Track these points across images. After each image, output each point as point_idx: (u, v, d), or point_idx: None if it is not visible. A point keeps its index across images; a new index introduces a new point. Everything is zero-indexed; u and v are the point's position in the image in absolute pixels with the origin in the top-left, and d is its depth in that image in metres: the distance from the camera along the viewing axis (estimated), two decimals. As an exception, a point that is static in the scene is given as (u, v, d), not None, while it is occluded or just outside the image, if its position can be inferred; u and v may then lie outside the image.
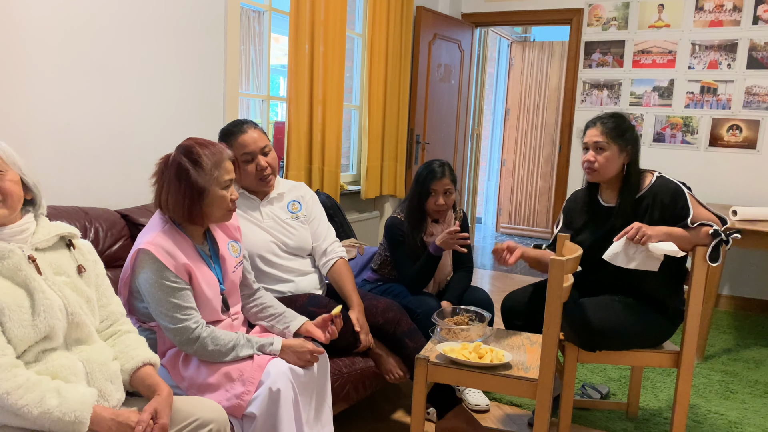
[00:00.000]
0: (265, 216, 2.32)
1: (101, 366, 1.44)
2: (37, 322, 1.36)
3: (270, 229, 2.31)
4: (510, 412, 2.68)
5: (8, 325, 1.32)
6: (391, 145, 4.36)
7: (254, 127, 2.25)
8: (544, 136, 6.86)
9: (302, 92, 3.40)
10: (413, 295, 2.58)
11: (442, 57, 4.89)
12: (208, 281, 1.79)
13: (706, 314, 3.24)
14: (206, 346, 1.73)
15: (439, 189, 2.60)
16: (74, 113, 2.32)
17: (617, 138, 2.25)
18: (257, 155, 2.23)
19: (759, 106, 4.26)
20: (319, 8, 3.47)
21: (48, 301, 1.39)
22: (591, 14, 4.73)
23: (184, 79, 2.74)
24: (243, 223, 2.28)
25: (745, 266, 4.38)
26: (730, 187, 4.38)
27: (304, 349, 1.83)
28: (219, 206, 1.77)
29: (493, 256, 2.31)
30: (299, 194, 2.43)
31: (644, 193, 2.26)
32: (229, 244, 1.93)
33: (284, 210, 2.37)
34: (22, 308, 1.34)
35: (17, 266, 1.38)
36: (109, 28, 2.40)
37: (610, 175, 2.28)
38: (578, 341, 2.20)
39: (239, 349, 1.77)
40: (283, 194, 2.39)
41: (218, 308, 1.83)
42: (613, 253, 2.16)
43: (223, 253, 1.87)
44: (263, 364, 1.75)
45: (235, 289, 1.93)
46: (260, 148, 2.23)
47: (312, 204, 2.45)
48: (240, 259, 1.95)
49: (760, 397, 2.88)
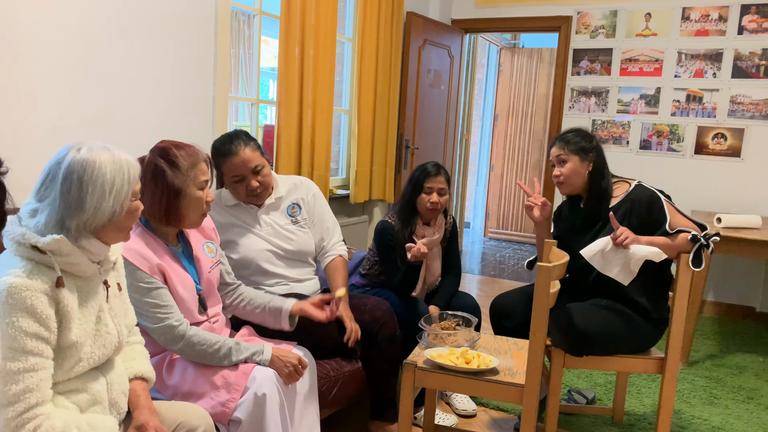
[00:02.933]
0: (263, 224, 2.30)
1: (119, 378, 1.43)
2: (95, 354, 1.34)
3: (268, 236, 2.29)
4: (497, 416, 2.69)
5: (74, 359, 1.28)
6: (381, 149, 4.37)
7: (245, 146, 2.17)
8: (532, 142, 6.90)
9: (292, 96, 3.40)
10: (401, 299, 2.59)
11: (431, 62, 4.92)
12: (183, 282, 1.78)
13: (691, 320, 3.28)
14: (192, 344, 1.71)
15: (433, 186, 2.61)
16: (64, 116, 2.31)
17: (577, 149, 2.34)
18: (248, 176, 2.19)
19: (743, 115, 4.32)
20: (310, 12, 3.47)
21: (109, 336, 1.37)
22: (579, 22, 4.78)
23: (173, 81, 2.74)
24: (240, 232, 2.27)
25: (728, 273, 4.43)
26: (715, 194, 4.44)
27: (287, 359, 1.80)
28: (195, 207, 1.76)
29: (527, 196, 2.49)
30: (299, 196, 2.40)
31: (621, 200, 2.31)
32: (205, 244, 1.91)
33: (284, 215, 2.35)
34: (87, 342, 1.31)
35: (95, 291, 1.34)
36: (99, 30, 2.39)
37: (577, 185, 2.36)
38: (565, 346, 2.22)
39: (234, 354, 1.75)
40: (281, 198, 2.36)
41: (195, 309, 1.82)
42: (591, 251, 2.21)
43: (197, 253, 1.86)
44: (248, 371, 1.74)
45: (212, 289, 1.91)
46: (251, 170, 2.18)
47: (313, 204, 2.42)
48: (217, 259, 1.94)
49: (743, 402, 2.91)
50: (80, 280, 1.31)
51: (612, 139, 4.75)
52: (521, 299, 2.45)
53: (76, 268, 1.29)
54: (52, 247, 1.23)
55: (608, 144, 4.76)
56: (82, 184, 1.26)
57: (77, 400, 1.31)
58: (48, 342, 1.22)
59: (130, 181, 1.32)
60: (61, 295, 1.24)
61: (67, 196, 1.25)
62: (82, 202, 1.26)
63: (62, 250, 1.24)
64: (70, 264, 1.27)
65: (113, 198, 1.29)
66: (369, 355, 2.28)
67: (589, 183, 2.35)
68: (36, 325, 1.20)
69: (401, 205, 2.67)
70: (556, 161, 2.39)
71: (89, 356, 1.32)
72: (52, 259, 1.23)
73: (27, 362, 1.19)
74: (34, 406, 1.19)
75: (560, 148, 2.37)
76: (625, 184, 2.37)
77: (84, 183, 1.26)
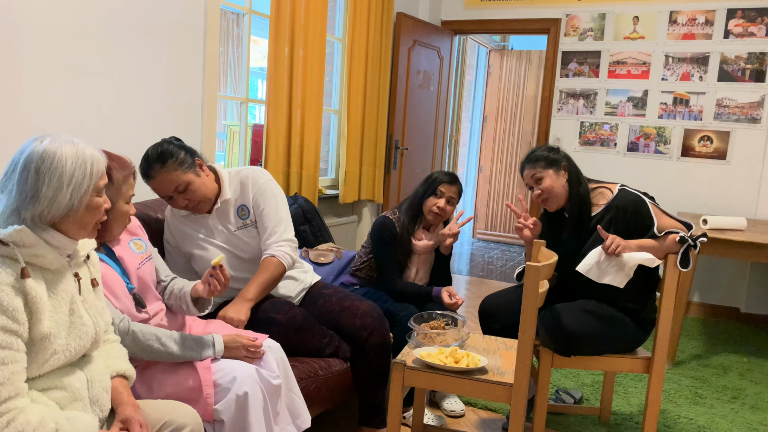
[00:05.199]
0: (216, 231, 2.25)
1: (99, 375, 1.41)
2: (71, 347, 1.31)
3: (222, 243, 2.25)
4: (485, 416, 2.69)
5: (48, 351, 1.26)
6: (370, 150, 4.37)
7: (161, 168, 2.06)
8: (521, 143, 6.93)
9: (281, 95, 3.39)
10: (397, 302, 2.59)
11: (421, 63, 4.92)
12: (110, 282, 1.71)
13: (677, 321, 3.31)
14: (137, 340, 1.67)
15: (445, 192, 2.64)
16: (52, 116, 2.29)
17: (548, 163, 2.36)
18: (174, 196, 2.11)
19: (729, 118, 4.37)
20: (300, 12, 3.47)
21: (84, 327, 1.34)
22: (568, 24, 4.81)
23: (162, 80, 2.72)
24: (196, 243, 2.22)
25: (714, 274, 4.48)
26: (701, 196, 4.48)
27: (237, 344, 1.79)
28: (121, 222, 1.73)
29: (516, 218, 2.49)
30: (245, 199, 2.27)
31: (605, 208, 2.32)
32: (131, 241, 1.86)
33: (234, 219, 2.27)
34: (61, 334, 1.29)
35: (67, 284, 1.32)
36: (87, 30, 2.37)
37: (562, 196, 2.37)
38: (553, 346, 2.23)
39: (182, 346, 1.71)
40: (228, 202, 2.26)
41: (131, 307, 1.77)
42: (586, 265, 2.23)
43: (120, 253, 1.80)
44: (207, 364, 1.72)
45: (147, 286, 1.85)
46: (173, 190, 2.09)
47: (260, 202, 2.25)
48: (147, 254, 1.89)
49: (728, 402, 2.94)
50: (47, 272, 1.29)
51: (600, 141, 4.78)
52: (509, 300, 2.46)
53: (41, 260, 1.26)
54: (14, 238, 1.21)
55: (596, 146, 4.79)
56: (39, 174, 1.24)
57: (56, 397, 1.29)
58: (17, 334, 1.20)
59: (92, 175, 1.29)
60: (28, 286, 1.22)
61: (24, 187, 1.24)
62: (37, 193, 1.24)
63: (24, 241, 1.22)
64: (35, 256, 1.25)
65: (71, 191, 1.26)
66: (356, 362, 2.26)
67: (569, 191, 2.36)
68: (2, 317, 1.17)
69: (410, 203, 2.70)
70: (532, 182, 2.39)
71: (64, 348, 1.29)
72: (15, 250, 1.21)
73: None
74: (5, 400, 1.17)
75: (531, 168, 2.38)
76: (607, 190, 2.37)
77: (41, 173, 1.24)
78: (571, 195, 2.36)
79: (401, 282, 2.65)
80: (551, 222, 2.46)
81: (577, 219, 2.35)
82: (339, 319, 2.26)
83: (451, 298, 2.55)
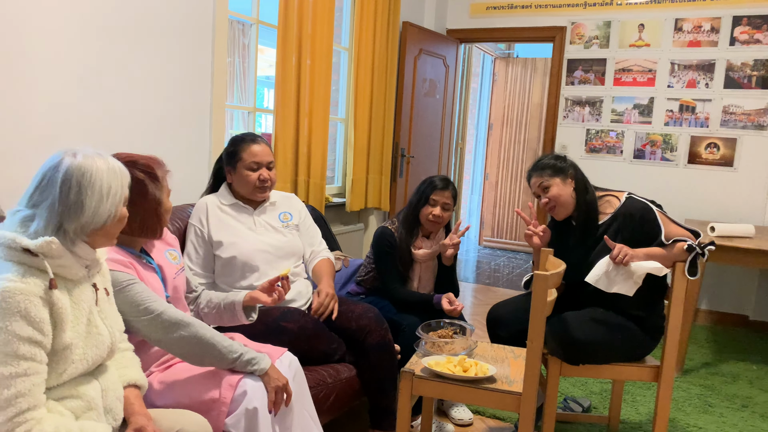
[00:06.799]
0: (257, 224, 2.38)
1: (113, 384, 1.42)
2: (88, 356, 1.33)
3: (261, 236, 2.35)
4: (493, 425, 2.69)
5: (68, 362, 1.28)
6: (377, 158, 4.38)
7: (266, 143, 2.39)
8: (526, 151, 6.94)
9: (289, 105, 3.41)
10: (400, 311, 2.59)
11: (427, 72, 4.94)
12: (154, 287, 1.74)
13: (685, 329, 3.29)
14: (192, 324, 1.65)
15: (438, 200, 2.62)
16: (59, 124, 2.31)
17: (555, 171, 2.36)
18: (263, 167, 2.34)
19: (735, 125, 4.36)
20: (307, 22, 3.49)
21: (101, 336, 1.36)
22: (573, 32, 4.82)
23: (171, 89, 2.74)
24: (236, 229, 2.32)
25: (722, 282, 4.46)
26: (708, 203, 4.47)
27: (279, 376, 1.74)
28: (168, 216, 1.78)
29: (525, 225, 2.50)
30: (290, 207, 2.51)
31: (613, 216, 2.32)
32: (167, 251, 1.90)
33: (276, 219, 2.44)
34: (79, 344, 1.31)
35: (86, 294, 1.34)
36: (96, 39, 2.39)
37: (570, 204, 2.37)
38: (562, 354, 2.23)
39: (234, 350, 1.69)
40: (275, 203, 2.46)
41: None
42: (595, 275, 2.23)
43: (160, 261, 1.83)
44: (234, 383, 1.69)
45: (179, 296, 1.89)
46: (267, 162, 2.35)
47: (305, 215, 2.54)
48: (181, 266, 1.93)
49: (738, 410, 2.93)
50: (70, 282, 1.32)
51: (606, 148, 4.78)
52: (517, 308, 2.46)
53: (66, 271, 1.29)
54: (44, 250, 1.23)
55: (602, 153, 4.79)
56: (81, 187, 1.28)
57: (71, 406, 1.30)
58: (41, 346, 1.22)
59: (123, 186, 1.36)
60: (55, 297, 1.25)
61: (67, 200, 1.27)
62: (82, 205, 1.28)
63: (53, 253, 1.24)
64: (61, 267, 1.27)
65: (110, 202, 1.32)
66: (360, 365, 2.28)
67: (576, 200, 2.37)
68: (29, 329, 1.19)
69: (406, 214, 2.70)
70: (539, 191, 2.40)
71: (81, 358, 1.31)
72: (44, 261, 1.23)
73: (19, 367, 1.18)
74: (25, 410, 1.18)
75: (539, 177, 2.39)
76: (614, 198, 2.37)
77: (83, 187, 1.28)
78: (579, 203, 2.36)
79: (403, 291, 2.65)
80: (559, 230, 2.46)
81: (585, 227, 2.35)
82: (335, 325, 2.27)
83: (450, 304, 2.54)
